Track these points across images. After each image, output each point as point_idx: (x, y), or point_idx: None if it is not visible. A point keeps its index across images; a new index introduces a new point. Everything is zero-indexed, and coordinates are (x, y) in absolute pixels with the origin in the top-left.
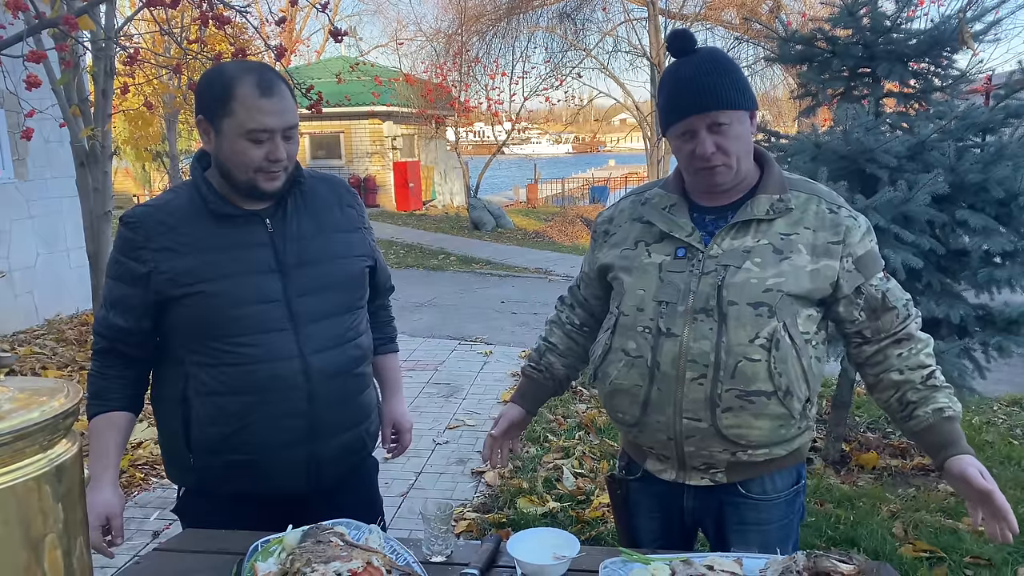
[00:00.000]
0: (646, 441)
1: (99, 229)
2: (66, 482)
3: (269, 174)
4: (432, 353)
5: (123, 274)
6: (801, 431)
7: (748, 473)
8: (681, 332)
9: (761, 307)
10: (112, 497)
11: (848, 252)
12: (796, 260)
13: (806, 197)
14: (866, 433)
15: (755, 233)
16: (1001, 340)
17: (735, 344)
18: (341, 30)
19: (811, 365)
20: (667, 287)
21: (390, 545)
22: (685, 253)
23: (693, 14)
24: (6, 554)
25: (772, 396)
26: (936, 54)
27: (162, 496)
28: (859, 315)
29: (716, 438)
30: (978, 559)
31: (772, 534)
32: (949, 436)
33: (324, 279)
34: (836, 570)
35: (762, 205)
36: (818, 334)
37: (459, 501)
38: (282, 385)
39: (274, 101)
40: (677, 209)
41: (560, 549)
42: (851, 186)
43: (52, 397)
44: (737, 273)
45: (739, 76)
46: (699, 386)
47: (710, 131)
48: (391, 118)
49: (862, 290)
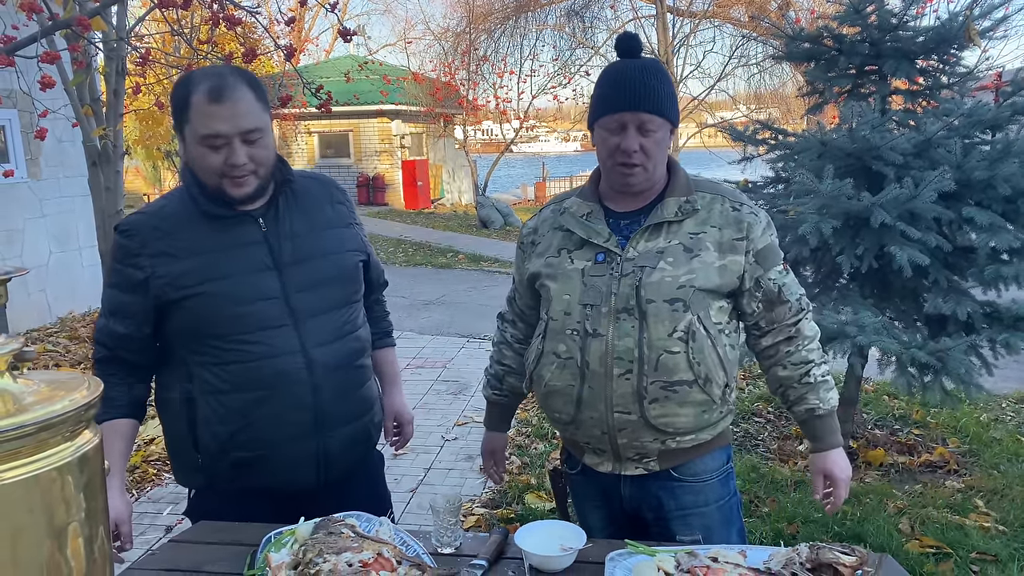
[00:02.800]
0: (582, 437)
1: (111, 228)
2: (88, 472)
3: (234, 180)
4: (441, 351)
5: (121, 282)
6: (723, 415)
7: (678, 459)
8: (606, 331)
9: (676, 303)
10: (119, 504)
11: (751, 247)
12: (705, 257)
13: (711, 197)
14: (873, 430)
15: (666, 234)
16: (1008, 337)
17: (656, 339)
18: (350, 30)
19: (726, 353)
20: (590, 290)
21: (400, 537)
22: (604, 258)
23: (702, 11)
24: (31, 541)
25: (693, 384)
26: (943, 51)
27: (175, 492)
28: (756, 307)
29: (646, 428)
30: (984, 555)
31: (712, 516)
32: (817, 432)
33: (320, 274)
34: (838, 561)
35: (671, 208)
36: (730, 323)
37: (468, 496)
38: (286, 380)
39: (224, 107)
40: (594, 217)
41: (567, 541)
42: (857, 183)
43: (74, 390)
44: (653, 273)
45: (672, 90)
46: (626, 380)
47: (639, 131)
48: (400, 117)
49: (760, 282)
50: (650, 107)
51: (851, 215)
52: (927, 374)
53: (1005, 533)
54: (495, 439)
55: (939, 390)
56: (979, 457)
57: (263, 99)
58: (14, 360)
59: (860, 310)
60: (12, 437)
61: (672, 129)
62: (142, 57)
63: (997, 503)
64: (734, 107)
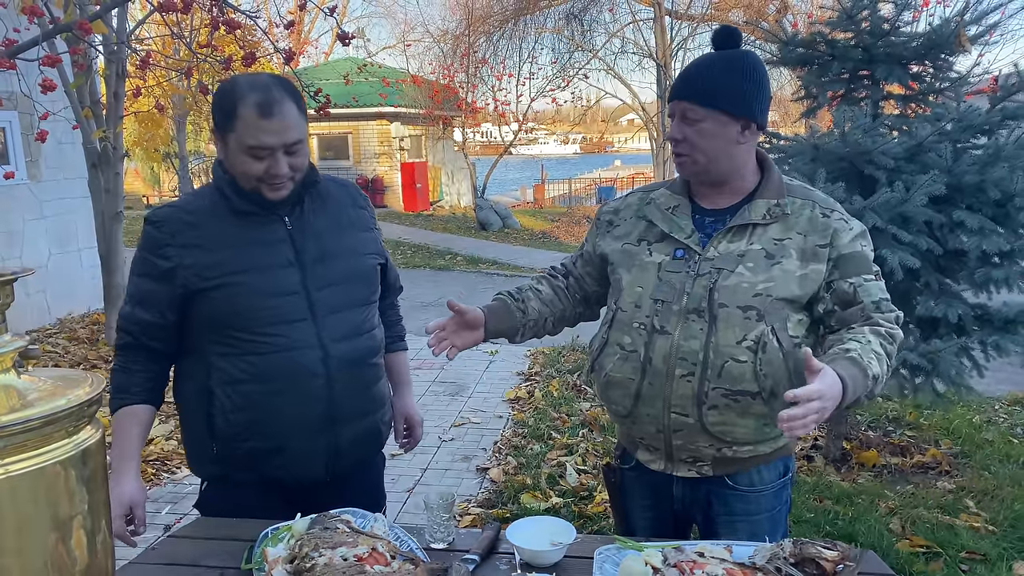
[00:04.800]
0: (638, 432)
1: (110, 229)
2: (90, 466)
3: (272, 185)
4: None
5: (149, 270)
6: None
7: (734, 467)
8: (674, 330)
9: (750, 311)
10: (135, 487)
11: (834, 253)
12: (786, 265)
13: (802, 203)
14: (867, 432)
15: (750, 237)
16: (998, 339)
17: (723, 345)
18: (349, 34)
19: (798, 368)
20: (664, 286)
21: (394, 532)
22: (684, 254)
23: (700, 14)
24: (36, 532)
25: (757, 396)
26: (934, 57)
27: (173, 492)
28: (828, 307)
29: (702, 433)
30: (974, 554)
31: (761, 524)
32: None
33: (340, 273)
34: (821, 556)
35: (759, 210)
36: (807, 338)
37: (464, 497)
38: (304, 372)
39: (273, 122)
40: (680, 211)
41: (557, 536)
42: (849, 187)
43: (77, 386)
44: (729, 277)
45: (742, 84)
46: (687, 383)
47: (683, 119)
48: (399, 119)
49: (833, 285)
50: (694, 96)
51: None
52: (919, 376)
53: (995, 533)
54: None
55: (930, 391)
56: (971, 458)
57: (303, 110)
58: (19, 357)
59: None
60: (18, 431)
61: (743, 121)
62: (142, 60)
63: (987, 503)
64: None
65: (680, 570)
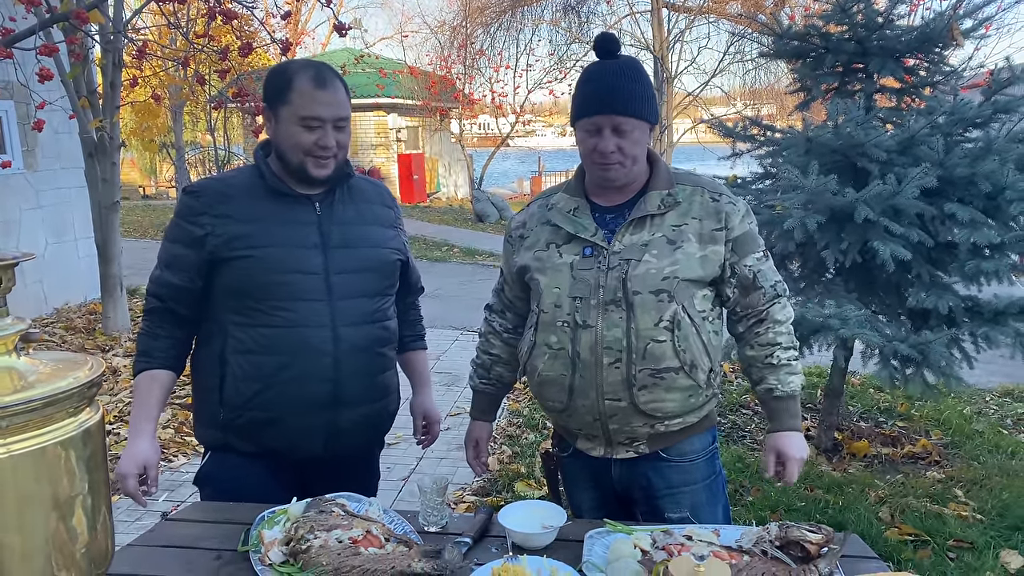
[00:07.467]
0: (575, 424)
1: (107, 219)
2: (91, 446)
3: (318, 159)
4: (434, 343)
5: (182, 236)
6: (708, 398)
7: (667, 441)
8: (595, 323)
9: (662, 294)
10: (149, 448)
11: (729, 236)
12: (687, 248)
13: (691, 189)
14: (858, 422)
15: (650, 227)
16: (988, 331)
17: (643, 329)
18: (345, 24)
19: (710, 339)
20: (579, 283)
21: (388, 516)
22: (592, 251)
23: (697, 7)
24: (37, 510)
25: (680, 371)
26: (927, 50)
27: (170, 479)
28: (733, 293)
29: (636, 414)
30: (961, 542)
31: (699, 494)
32: (774, 412)
33: (360, 262)
34: (805, 539)
35: (653, 201)
36: (713, 310)
37: (459, 485)
38: (312, 350)
39: (328, 93)
40: (580, 212)
41: (548, 520)
42: (842, 179)
43: (78, 368)
44: (638, 266)
45: (648, 90)
46: (616, 369)
47: (614, 132)
48: (396, 110)
49: (736, 269)
50: (623, 109)
51: (836, 210)
52: (909, 366)
53: (982, 521)
54: (479, 428)
55: (921, 382)
56: (961, 449)
57: (348, 94)
58: (20, 341)
59: (844, 303)
60: (20, 411)
61: (651, 126)
62: (139, 50)
63: (976, 493)
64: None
65: (668, 552)
